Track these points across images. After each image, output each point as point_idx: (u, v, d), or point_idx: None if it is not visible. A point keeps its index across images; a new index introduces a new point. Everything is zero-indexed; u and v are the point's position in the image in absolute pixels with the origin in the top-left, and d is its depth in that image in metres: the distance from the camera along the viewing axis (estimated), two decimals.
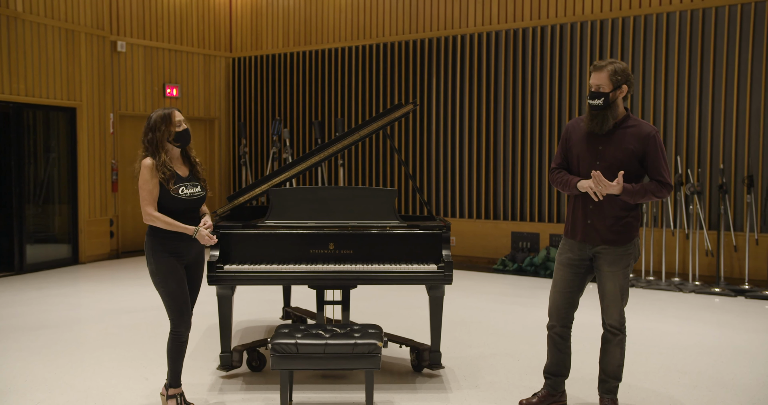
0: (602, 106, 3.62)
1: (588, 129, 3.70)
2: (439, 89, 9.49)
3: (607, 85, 3.62)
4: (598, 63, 3.68)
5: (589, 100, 3.65)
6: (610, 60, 3.69)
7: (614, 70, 3.62)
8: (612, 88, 3.62)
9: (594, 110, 3.64)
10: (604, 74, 3.62)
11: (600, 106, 3.62)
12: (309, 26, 10.63)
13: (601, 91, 3.61)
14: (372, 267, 4.23)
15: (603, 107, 3.62)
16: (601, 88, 3.62)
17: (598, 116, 3.64)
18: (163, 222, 3.66)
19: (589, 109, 3.68)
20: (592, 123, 3.66)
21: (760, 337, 5.52)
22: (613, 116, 3.67)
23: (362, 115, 10.11)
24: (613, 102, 3.64)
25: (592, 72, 3.68)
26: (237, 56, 11.27)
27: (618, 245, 3.66)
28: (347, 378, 4.44)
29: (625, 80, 3.65)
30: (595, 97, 3.62)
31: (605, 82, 3.62)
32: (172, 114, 3.72)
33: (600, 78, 3.63)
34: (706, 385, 4.35)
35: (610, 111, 3.65)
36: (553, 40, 8.66)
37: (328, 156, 4.68)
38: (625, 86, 3.66)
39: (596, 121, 3.64)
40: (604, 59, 3.79)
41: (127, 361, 4.80)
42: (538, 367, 4.67)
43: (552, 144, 8.69)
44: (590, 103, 3.65)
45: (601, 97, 3.61)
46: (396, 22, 9.85)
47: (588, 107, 3.68)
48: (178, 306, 3.72)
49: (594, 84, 3.64)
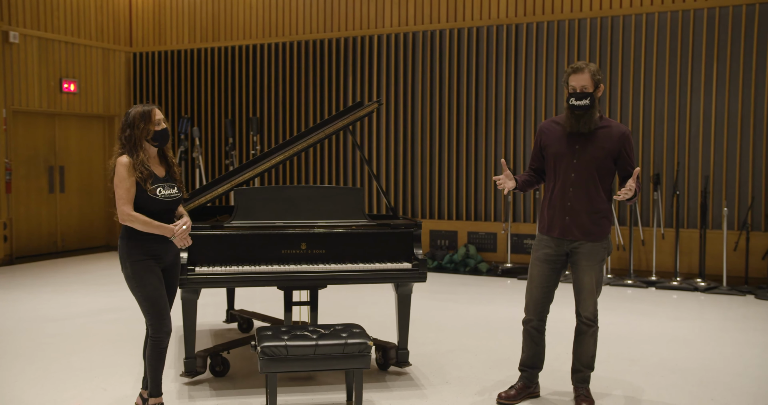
0: (589, 106, 3.76)
1: (571, 130, 3.82)
2: (355, 89, 9.50)
3: (591, 85, 3.77)
4: (576, 65, 3.83)
5: (575, 101, 3.77)
6: (584, 62, 3.85)
7: (594, 71, 3.79)
8: (594, 88, 3.78)
9: (580, 110, 3.77)
10: (587, 75, 3.77)
11: (587, 105, 3.76)
12: (217, 22, 10.35)
13: (586, 92, 3.76)
14: (346, 266, 4.20)
15: (589, 107, 3.76)
16: (585, 88, 3.76)
17: (584, 116, 3.78)
18: (141, 222, 3.48)
19: (572, 110, 3.80)
20: (579, 123, 3.78)
21: (684, 325, 5.91)
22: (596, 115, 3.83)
23: (276, 114, 9.96)
24: (596, 101, 3.81)
25: (572, 74, 3.81)
26: (138, 51, 10.81)
27: (595, 240, 3.82)
28: (315, 379, 4.38)
29: (601, 80, 3.83)
30: (581, 98, 3.76)
31: (588, 83, 3.77)
32: (153, 112, 3.55)
33: (583, 79, 3.77)
34: (657, 372, 4.61)
35: (595, 109, 3.81)
36: (470, 43, 8.88)
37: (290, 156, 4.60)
38: (602, 85, 3.84)
39: (583, 121, 3.77)
40: (580, 61, 3.94)
41: (76, 372, 4.52)
42: (499, 361, 4.79)
43: (469, 143, 8.91)
44: (576, 104, 3.77)
45: (587, 97, 3.75)
46: (310, 21, 9.77)
47: (570, 108, 3.80)
48: (157, 311, 3.54)
49: (578, 85, 3.77)
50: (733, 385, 4.35)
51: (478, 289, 7.53)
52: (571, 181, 3.83)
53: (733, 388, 4.28)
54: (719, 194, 7.74)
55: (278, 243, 4.22)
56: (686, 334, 5.62)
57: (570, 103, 3.81)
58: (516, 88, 8.66)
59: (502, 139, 8.74)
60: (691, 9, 7.80)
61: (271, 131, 9.99)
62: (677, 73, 7.89)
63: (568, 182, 3.84)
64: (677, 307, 6.62)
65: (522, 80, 8.62)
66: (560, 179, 3.87)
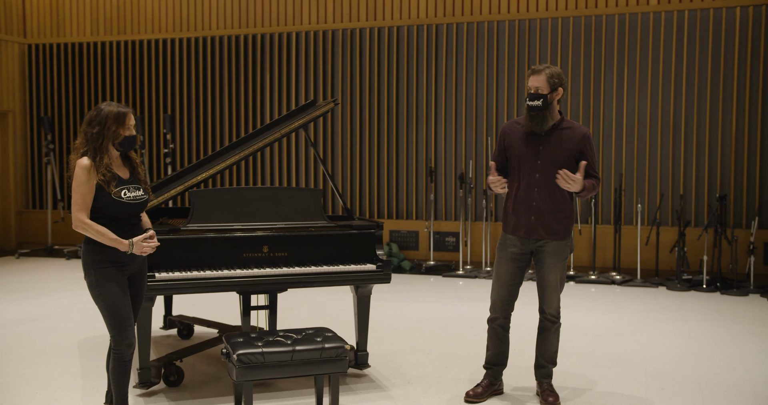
0: (541, 107, 3.86)
1: (527, 129, 3.92)
2: (273, 87, 9.34)
3: (545, 87, 3.87)
4: (535, 67, 3.92)
5: (528, 102, 3.87)
6: (546, 64, 3.96)
7: (551, 74, 3.88)
8: (549, 90, 3.87)
9: (533, 111, 3.88)
10: (543, 77, 3.87)
11: (539, 106, 3.86)
12: (122, 15, 9.89)
13: (539, 93, 3.85)
14: (310, 269, 4.13)
15: (542, 108, 3.86)
16: (539, 89, 3.86)
17: (537, 117, 3.88)
18: (94, 231, 3.27)
19: (528, 110, 3.90)
20: (532, 123, 3.89)
21: (611, 317, 6.18)
22: (552, 117, 3.92)
23: (189, 111, 9.63)
24: (551, 103, 3.90)
25: (531, 75, 3.91)
26: (34, 42, 10.17)
27: (560, 239, 3.93)
28: (273, 386, 4.27)
29: (561, 83, 3.93)
30: (534, 98, 3.86)
31: (543, 85, 3.86)
32: (128, 115, 3.35)
33: (539, 80, 3.87)
34: (603, 364, 4.80)
35: (549, 111, 3.90)
36: (390, 42, 8.91)
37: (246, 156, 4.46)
38: (561, 89, 3.94)
39: (536, 121, 3.88)
40: (541, 64, 4.04)
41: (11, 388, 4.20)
42: (453, 359, 4.84)
43: (390, 141, 8.94)
44: (530, 104, 3.87)
45: (540, 98, 3.85)
46: (224, 16, 9.51)
47: (527, 108, 3.91)
48: (119, 322, 3.34)
49: (533, 86, 3.87)
50: (675, 374, 4.58)
51: (407, 287, 7.57)
52: (536, 182, 3.92)
53: (675, 377, 4.51)
54: (631, 192, 8.14)
55: (239, 246, 4.08)
56: (615, 326, 5.88)
57: (526, 102, 3.92)
58: (437, 88, 8.77)
59: (423, 137, 8.84)
60: (603, 14, 8.15)
61: (184, 129, 9.65)
62: (591, 76, 8.23)
63: (533, 183, 3.93)
64: (597, 300, 6.91)
65: (443, 80, 8.74)
66: (525, 180, 3.95)
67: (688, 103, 7.97)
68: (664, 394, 4.20)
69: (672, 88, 7.99)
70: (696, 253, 7.76)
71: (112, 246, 3.29)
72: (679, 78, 7.98)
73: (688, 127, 7.98)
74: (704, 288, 7.31)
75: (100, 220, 3.30)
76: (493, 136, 8.51)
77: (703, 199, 7.95)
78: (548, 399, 3.98)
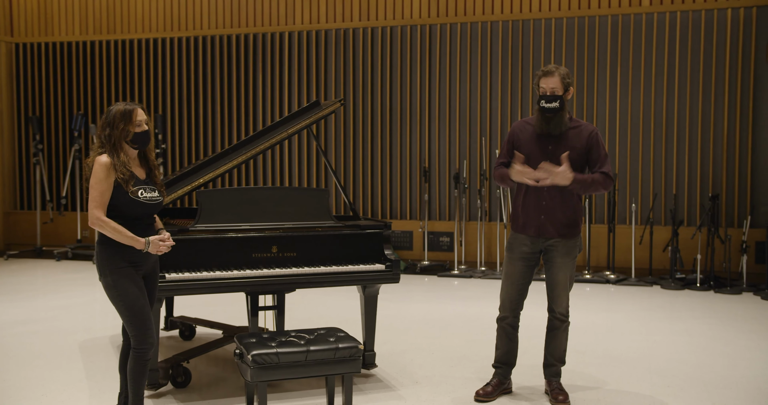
0: (559, 108, 3.87)
1: (542, 131, 3.92)
2: (265, 87, 9.30)
3: (560, 88, 3.87)
4: (547, 68, 3.93)
5: (545, 104, 3.87)
6: (555, 65, 3.97)
7: (564, 74, 3.89)
8: (564, 91, 3.89)
9: (550, 113, 3.88)
10: (557, 78, 3.88)
11: (557, 108, 3.86)
12: (112, 14, 9.81)
13: (556, 94, 3.86)
14: (319, 269, 4.11)
15: (559, 109, 3.87)
16: (555, 91, 3.87)
17: (555, 118, 3.88)
18: (111, 229, 3.26)
19: (543, 112, 3.90)
20: (550, 125, 3.89)
21: (608, 315, 6.22)
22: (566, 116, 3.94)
23: (180, 111, 9.57)
24: (566, 103, 3.92)
25: (543, 77, 3.91)
26: (21, 42, 10.05)
27: (569, 238, 3.95)
28: (280, 386, 4.26)
29: (571, 83, 3.95)
30: (551, 100, 3.86)
31: (558, 86, 3.87)
32: (134, 112, 3.33)
33: (553, 82, 3.87)
34: (607, 362, 4.83)
35: (564, 112, 3.92)
36: (384, 42, 8.91)
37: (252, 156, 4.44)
38: (572, 88, 3.96)
39: (554, 123, 3.88)
40: (551, 64, 4.06)
41: (14, 391, 4.15)
42: (458, 359, 4.85)
43: (384, 141, 8.94)
44: (546, 107, 3.87)
45: (557, 100, 3.86)
46: (216, 15, 9.47)
47: (542, 110, 3.90)
48: (140, 321, 3.33)
49: (548, 87, 3.87)
50: (679, 371, 4.62)
51: (402, 288, 7.56)
52: None
53: (679, 375, 4.55)
54: (624, 191, 8.20)
55: (249, 247, 4.06)
56: (613, 325, 5.92)
57: (540, 105, 3.91)
58: (430, 88, 8.78)
59: (416, 138, 8.84)
60: (596, 16, 8.21)
61: (175, 129, 9.59)
62: (584, 77, 8.28)
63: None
64: (592, 299, 6.95)
65: (436, 80, 8.75)
66: None
67: (680, 104, 8.04)
68: (670, 391, 4.24)
69: (664, 89, 8.06)
70: (689, 252, 7.83)
71: (128, 244, 3.27)
72: (671, 78, 8.05)
73: (680, 128, 8.06)
74: (698, 287, 7.38)
75: (115, 219, 3.28)
76: (487, 136, 8.53)
77: (696, 198, 8.03)
78: (558, 397, 3.99)
